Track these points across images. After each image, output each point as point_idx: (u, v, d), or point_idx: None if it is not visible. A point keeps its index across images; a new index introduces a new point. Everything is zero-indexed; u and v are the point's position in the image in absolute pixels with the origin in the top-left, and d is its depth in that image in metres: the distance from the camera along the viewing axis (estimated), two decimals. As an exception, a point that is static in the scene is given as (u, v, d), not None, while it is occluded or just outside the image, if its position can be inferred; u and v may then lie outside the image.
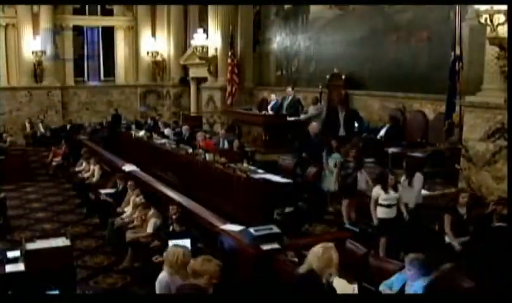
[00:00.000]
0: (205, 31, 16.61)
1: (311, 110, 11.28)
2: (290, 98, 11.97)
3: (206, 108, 17.06)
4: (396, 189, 6.66)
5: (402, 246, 5.75)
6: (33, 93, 18.51)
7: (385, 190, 6.58)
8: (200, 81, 18.37)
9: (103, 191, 9.57)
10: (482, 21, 7.06)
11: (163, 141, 12.39)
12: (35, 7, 18.03)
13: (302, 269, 3.86)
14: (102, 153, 12.82)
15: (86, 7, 19.69)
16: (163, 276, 4.39)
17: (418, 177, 7.05)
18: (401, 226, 6.44)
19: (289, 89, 12.39)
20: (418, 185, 6.98)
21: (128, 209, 8.28)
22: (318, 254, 3.79)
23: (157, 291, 4.38)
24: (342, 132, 10.58)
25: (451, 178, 8.16)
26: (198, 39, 16.36)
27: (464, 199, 6.17)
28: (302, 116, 11.31)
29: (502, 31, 6.90)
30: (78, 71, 19.89)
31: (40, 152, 15.73)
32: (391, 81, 11.12)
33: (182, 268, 4.21)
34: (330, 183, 8.18)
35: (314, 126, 9.64)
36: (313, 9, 13.61)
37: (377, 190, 6.68)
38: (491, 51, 7.34)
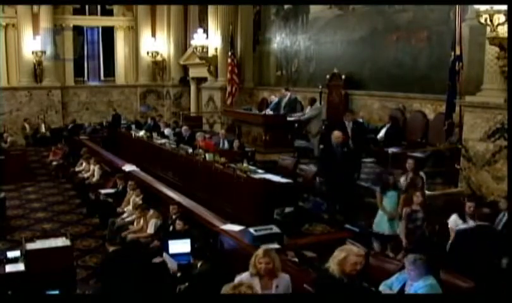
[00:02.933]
0: (205, 31, 16.61)
1: (309, 110, 11.23)
2: (287, 97, 11.99)
3: (206, 108, 17.07)
4: (474, 217, 5.78)
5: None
6: (33, 93, 18.54)
7: (464, 219, 5.87)
8: (200, 81, 18.38)
9: (103, 191, 9.58)
10: (482, 21, 7.06)
11: (163, 141, 12.38)
12: (35, 7, 18.06)
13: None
14: (102, 153, 12.82)
15: (86, 7, 19.72)
16: (244, 275, 4.27)
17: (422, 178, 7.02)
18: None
19: (283, 90, 12.41)
20: (422, 181, 6.92)
21: (128, 209, 8.28)
22: (334, 255, 3.92)
23: None
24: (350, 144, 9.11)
25: (451, 178, 8.17)
26: (198, 39, 16.37)
27: None
28: (302, 117, 11.28)
29: (502, 31, 6.90)
30: (78, 71, 19.92)
31: (40, 152, 15.73)
32: (391, 81, 11.12)
33: (256, 270, 4.16)
34: (384, 224, 6.65)
35: (337, 135, 7.98)
36: (313, 9, 13.62)
37: (454, 220, 5.94)
38: (491, 51, 7.34)
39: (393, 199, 6.65)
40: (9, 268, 5.72)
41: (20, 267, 5.72)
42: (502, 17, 6.85)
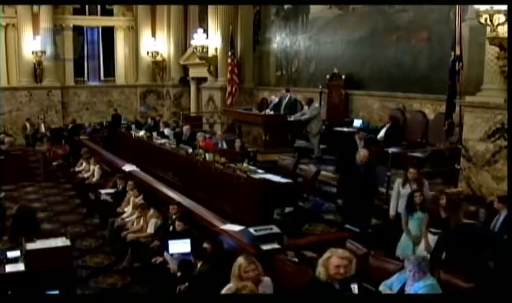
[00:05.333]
0: (205, 31, 16.61)
1: (308, 111, 11.19)
2: (287, 98, 11.98)
3: (206, 108, 17.07)
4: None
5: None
6: (33, 93, 18.54)
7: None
8: (200, 81, 18.38)
9: (103, 191, 9.57)
10: (482, 21, 7.06)
11: (163, 141, 12.38)
12: (35, 7, 18.06)
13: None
14: (102, 153, 12.81)
15: (86, 7, 19.73)
16: (228, 287, 4.12)
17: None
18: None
19: (284, 90, 12.41)
20: (426, 188, 6.84)
21: (128, 209, 8.27)
22: (322, 258, 3.83)
23: None
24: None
25: (451, 178, 8.16)
26: (198, 39, 16.37)
27: None
28: (302, 117, 11.25)
29: (502, 31, 6.90)
30: (78, 71, 19.92)
31: (40, 152, 15.70)
32: (391, 81, 11.12)
33: (239, 280, 3.99)
34: (408, 249, 6.04)
35: (365, 154, 7.37)
36: (313, 9, 13.62)
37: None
38: (491, 51, 7.35)
39: (419, 222, 6.08)
40: (9, 268, 5.70)
41: (20, 267, 5.71)
42: (502, 17, 6.85)
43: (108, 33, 20.30)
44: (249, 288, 3.60)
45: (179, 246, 6.21)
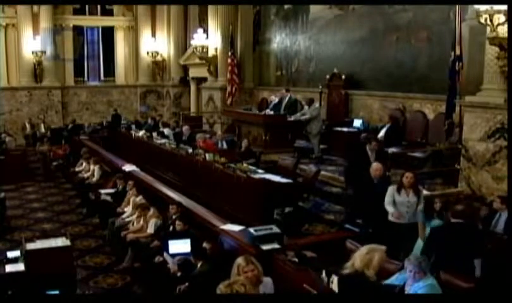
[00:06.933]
0: (205, 31, 16.62)
1: (307, 111, 11.16)
2: (287, 98, 11.98)
3: (206, 108, 17.07)
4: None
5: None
6: (33, 93, 18.55)
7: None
8: (200, 81, 18.38)
9: (103, 191, 9.58)
10: (482, 21, 7.05)
11: (163, 141, 12.39)
12: (35, 7, 18.07)
13: (346, 268, 3.99)
14: (102, 153, 12.82)
15: (86, 7, 19.74)
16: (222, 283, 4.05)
17: None
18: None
19: (284, 90, 12.41)
20: (422, 196, 6.70)
21: (128, 209, 8.28)
22: (361, 253, 3.85)
23: None
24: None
25: (451, 178, 8.17)
26: (198, 39, 16.37)
27: None
28: (302, 117, 11.24)
29: (502, 31, 6.90)
30: (78, 71, 19.92)
31: (40, 151, 15.71)
32: (391, 81, 11.12)
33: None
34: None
35: (377, 167, 6.73)
36: (313, 9, 13.61)
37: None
38: (491, 51, 7.34)
39: None
40: (9, 268, 5.71)
41: (20, 267, 5.71)
42: (502, 17, 6.85)
43: (108, 33, 20.30)
44: (240, 282, 3.61)
45: (179, 246, 6.21)
